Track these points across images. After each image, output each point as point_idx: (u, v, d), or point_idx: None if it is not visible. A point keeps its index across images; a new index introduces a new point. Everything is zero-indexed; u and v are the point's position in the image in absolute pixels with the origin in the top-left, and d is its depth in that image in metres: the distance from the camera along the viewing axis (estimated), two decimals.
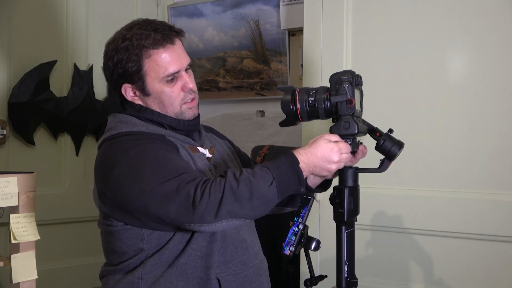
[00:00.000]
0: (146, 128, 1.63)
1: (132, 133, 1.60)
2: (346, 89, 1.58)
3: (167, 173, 1.48)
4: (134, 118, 1.65)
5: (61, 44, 3.06)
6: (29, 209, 2.22)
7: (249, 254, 1.70)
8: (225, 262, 1.63)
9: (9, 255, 2.25)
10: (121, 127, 1.62)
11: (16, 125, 2.88)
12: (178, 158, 1.55)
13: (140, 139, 1.57)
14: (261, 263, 1.75)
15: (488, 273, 2.02)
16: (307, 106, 1.64)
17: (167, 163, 1.50)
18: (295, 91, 1.65)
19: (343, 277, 1.63)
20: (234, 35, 3.33)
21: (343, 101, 1.58)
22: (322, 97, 1.61)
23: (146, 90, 1.64)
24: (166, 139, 1.61)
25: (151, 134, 1.60)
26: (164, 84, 1.63)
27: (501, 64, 2.02)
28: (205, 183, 1.45)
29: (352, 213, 1.63)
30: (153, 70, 1.62)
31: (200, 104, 1.76)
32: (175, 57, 1.63)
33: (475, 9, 2.06)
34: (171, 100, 1.65)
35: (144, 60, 1.61)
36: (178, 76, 1.65)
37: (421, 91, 2.15)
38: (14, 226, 2.19)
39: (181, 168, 1.50)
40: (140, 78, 1.63)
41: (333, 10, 2.30)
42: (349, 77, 1.58)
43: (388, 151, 1.64)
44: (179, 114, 1.67)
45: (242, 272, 1.66)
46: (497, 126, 2.02)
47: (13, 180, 2.21)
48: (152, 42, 1.61)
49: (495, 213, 1.99)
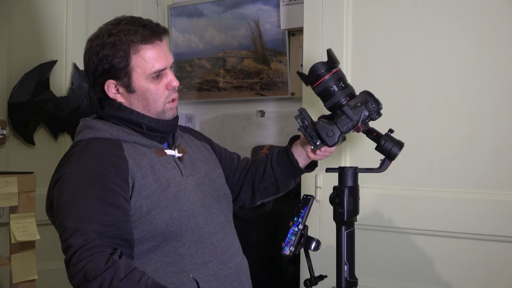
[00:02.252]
0: (110, 133, 1.62)
1: (87, 149, 1.59)
2: (361, 115, 1.61)
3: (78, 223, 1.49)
4: (99, 123, 1.65)
5: (61, 44, 3.06)
6: (29, 209, 2.22)
7: (229, 253, 1.69)
8: (203, 264, 1.62)
9: (9, 255, 2.25)
10: (87, 132, 1.64)
11: (16, 125, 2.88)
12: (101, 206, 1.52)
13: (89, 162, 1.56)
14: (241, 263, 1.74)
15: (488, 273, 2.02)
16: (332, 85, 1.64)
17: (84, 213, 1.50)
18: (335, 68, 1.67)
19: (343, 277, 1.63)
20: (234, 35, 3.33)
21: (350, 122, 1.62)
22: (343, 95, 1.62)
23: (131, 87, 1.63)
24: (118, 156, 1.58)
25: (107, 149, 1.59)
26: (150, 81, 1.63)
27: (501, 64, 2.01)
28: (91, 253, 1.45)
29: (352, 213, 1.63)
30: (140, 66, 1.61)
31: (200, 104, 1.77)
32: (162, 54, 1.63)
33: (475, 9, 2.06)
34: (155, 98, 1.64)
35: (132, 56, 1.60)
36: (164, 74, 1.64)
37: (421, 91, 2.15)
38: (14, 226, 2.19)
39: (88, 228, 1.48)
40: (127, 74, 1.62)
41: (333, 10, 2.30)
42: (375, 108, 1.62)
43: (389, 152, 1.64)
44: (160, 113, 1.66)
45: (222, 272, 1.64)
46: (497, 126, 2.02)
47: (13, 180, 2.21)
48: (140, 38, 1.60)
49: (495, 213, 1.99)
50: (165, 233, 1.58)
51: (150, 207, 1.57)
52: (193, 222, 1.62)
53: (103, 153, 1.58)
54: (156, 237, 1.58)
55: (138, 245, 1.57)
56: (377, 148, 1.66)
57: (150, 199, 1.57)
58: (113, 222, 1.50)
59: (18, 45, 2.91)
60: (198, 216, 1.64)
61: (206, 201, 1.69)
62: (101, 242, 1.46)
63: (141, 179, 1.58)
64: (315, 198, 2.25)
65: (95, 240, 1.46)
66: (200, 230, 1.63)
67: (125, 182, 1.56)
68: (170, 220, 1.58)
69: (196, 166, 1.72)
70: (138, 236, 1.57)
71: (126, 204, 1.54)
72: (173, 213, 1.59)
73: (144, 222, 1.57)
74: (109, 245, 1.48)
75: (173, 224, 1.59)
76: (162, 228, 1.58)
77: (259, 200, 1.93)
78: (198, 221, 1.64)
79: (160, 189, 1.59)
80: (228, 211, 1.78)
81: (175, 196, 1.61)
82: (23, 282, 2.22)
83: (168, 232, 1.58)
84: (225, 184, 1.81)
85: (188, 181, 1.66)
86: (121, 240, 1.51)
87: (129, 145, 1.63)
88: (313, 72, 1.67)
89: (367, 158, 1.68)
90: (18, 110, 2.87)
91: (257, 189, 1.89)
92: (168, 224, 1.58)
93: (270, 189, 1.89)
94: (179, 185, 1.63)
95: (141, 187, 1.58)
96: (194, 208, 1.64)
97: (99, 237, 1.47)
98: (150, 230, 1.57)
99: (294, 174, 1.87)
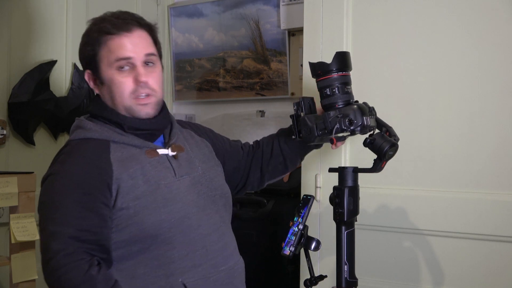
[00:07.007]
0: (100, 134, 1.62)
1: (75, 151, 1.60)
2: (335, 126, 1.61)
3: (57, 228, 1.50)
4: (90, 123, 1.65)
5: (61, 44, 3.06)
6: (29, 209, 2.22)
7: (222, 256, 1.66)
8: (194, 267, 1.59)
9: (9, 255, 2.25)
10: (78, 132, 1.65)
11: (16, 125, 2.88)
12: (82, 214, 1.53)
13: (74, 165, 1.57)
14: (236, 265, 1.70)
15: (488, 273, 2.01)
16: (336, 85, 1.65)
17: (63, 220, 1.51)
18: (346, 71, 1.68)
19: (343, 277, 1.63)
20: (234, 35, 3.33)
21: (324, 129, 1.63)
22: (342, 99, 1.65)
23: (101, 78, 1.64)
24: (103, 159, 1.57)
25: (94, 152, 1.58)
26: (115, 72, 1.61)
27: (501, 64, 2.01)
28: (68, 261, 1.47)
29: (352, 213, 1.63)
30: (106, 56, 1.61)
31: (200, 104, 1.76)
32: (127, 44, 1.61)
33: (475, 9, 2.06)
34: (120, 91, 1.61)
35: (100, 45, 1.61)
36: (132, 67, 1.61)
37: (421, 91, 2.15)
38: (14, 226, 2.20)
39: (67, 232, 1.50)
40: (96, 64, 1.63)
41: (333, 10, 2.30)
42: (348, 127, 1.61)
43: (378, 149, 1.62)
44: (128, 108, 1.62)
45: (212, 276, 1.62)
46: (497, 126, 2.02)
47: (13, 180, 2.22)
48: (110, 27, 1.61)
49: (495, 213, 1.99)
50: (154, 236, 1.56)
51: (137, 209, 1.55)
52: (185, 224, 1.60)
53: (89, 156, 1.58)
54: (145, 239, 1.56)
55: (126, 247, 1.56)
56: (365, 144, 1.64)
57: (139, 201, 1.56)
58: (88, 227, 1.51)
59: (18, 45, 2.91)
60: (191, 217, 1.61)
61: (201, 202, 1.66)
62: (77, 248, 1.48)
63: (129, 180, 1.56)
64: (315, 198, 2.25)
65: (71, 245, 1.48)
66: (192, 233, 1.61)
67: (107, 187, 1.54)
68: (158, 222, 1.56)
69: (193, 165, 1.70)
70: (126, 238, 1.55)
71: (105, 209, 1.53)
72: (161, 216, 1.56)
73: (132, 224, 1.55)
74: (85, 251, 1.49)
75: (162, 227, 1.56)
76: (150, 230, 1.55)
77: (267, 180, 1.92)
78: (191, 223, 1.61)
79: (149, 190, 1.57)
80: (224, 211, 1.74)
81: (165, 197, 1.58)
82: (23, 282, 2.22)
83: (157, 234, 1.56)
84: (224, 183, 1.79)
85: (181, 181, 1.64)
86: (97, 246, 1.51)
87: (118, 146, 1.61)
88: (323, 67, 1.66)
89: (367, 158, 1.68)
90: (18, 110, 2.87)
91: (266, 170, 1.88)
92: (156, 227, 1.56)
93: (278, 168, 1.88)
94: (170, 186, 1.61)
95: (129, 188, 1.56)
96: (187, 209, 1.61)
97: (74, 242, 1.48)
98: (138, 233, 1.55)
99: (303, 150, 1.87)
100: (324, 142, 1.75)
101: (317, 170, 2.31)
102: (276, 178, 1.94)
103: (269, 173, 1.89)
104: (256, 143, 1.93)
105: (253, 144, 1.94)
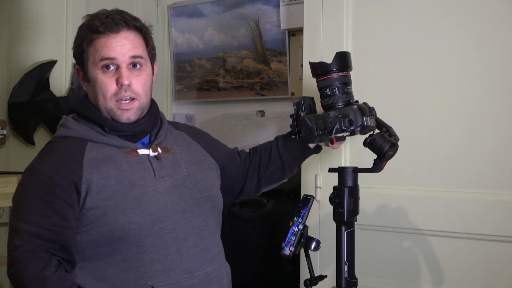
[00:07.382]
0: (79, 133, 1.61)
1: (51, 149, 1.62)
2: (335, 126, 1.61)
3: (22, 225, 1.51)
4: (73, 121, 1.65)
5: (61, 44, 3.06)
6: None
7: (199, 261, 1.61)
8: (165, 271, 1.56)
9: None
10: (61, 130, 1.66)
11: (16, 125, 2.88)
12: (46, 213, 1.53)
13: (45, 162, 1.58)
14: (215, 271, 1.65)
15: (488, 273, 2.01)
16: (337, 85, 1.64)
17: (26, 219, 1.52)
18: (346, 71, 1.67)
19: (343, 277, 1.63)
20: (234, 35, 3.33)
21: (324, 129, 1.63)
22: (342, 99, 1.64)
23: (87, 76, 1.64)
24: (75, 158, 1.57)
25: (67, 150, 1.58)
26: (100, 71, 1.60)
27: (501, 64, 2.01)
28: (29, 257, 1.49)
29: (352, 213, 1.63)
30: (92, 54, 1.61)
31: (200, 104, 1.75)
32: (112, 44, 1.59)
33: (475, 9, 2.06)
34: (103, 91, 1.59)
35: (88, 43, 1.61)
36: (116, 68, 1.60)
37: (421, 91, 2.15)
38: None
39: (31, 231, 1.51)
40: (83, 61, 1.64)
41: (333, 10, 2.30)
42: (348, 127, 1.61)
43: (378, 149, 1.62)
44: (109, 110, 1.60)
45: (185, 281, 1.57)
46: (497, 126, 2.02)
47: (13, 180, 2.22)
48: (99, 25, 1.60)
49: (495, 213, 1.99)
50: (123, 238, 1.53)
51: (106, 209, 1.53)
52: (157, 226, 1.56)
53: (61, 155, 1.58)
54: (112, 241, 1.53)
55: (94, 248, 1.54)
56: (365, 144, 1.64)
57: (108, 201, 1.53)
58: (49, 226, 1.51)
59: (18, 45, 2.91)
60: (166, 220, 1.58)
61: (181, 204, 1.61)
62: (37, 246, 1.49)
63: (100, 180, 1.54)
64: (315, 198, 2.25)
65: (31, 242, 1.49)
66: (165, 236, 1.57)
67: (74, 187, 1.53)
68: (126, 224, 1.53)
69: (177, 167, 1.66)
70: (94, 238, 1.53)
71: (68, 209, 1.52)
72: (130, 217, 1.53)
73: (100, 224, 1.52)
74: (45, 250, 1.50)
75: (130, 228, 1.53)
76: (118, 232, 1.53)
77: (264, 186, 1.89)
78: (165, 226, 1.57)
79: (121, 191, 1.54)
80: (209, 215, 1.68)
81: (137, 199, 1.55)
82: None
83: (126, 236, 1.53)
84: (213, 187, 1.73)
85: (161, 182, 1.60)
86: (58, 245, 1.51)
87: (96, 145, 1.60)
88: (323, 67, 1.66)
89: (367, 158, 1.68)
90: (18, 110, 2.87)
91: (263, 175, 1.85)
92: (125, 228, 1.53)
93: (276, 174, 1.85)
94: (146, 187, 1.57)
95: (100, 188, 1.53)
96: (161, 211, 1.57)
97: (35, 239, 1.49)
98: (106, 234, 1.53)
99: (301, 155, 1.84)
100: (324, 142, 1.75)
101: (317, 170, 2.31)
102: (273, 185, 1.91)
103: (266, 178, 1.86)
104: (254, 149, 1.91)
105: (250, 151, 1.92)
